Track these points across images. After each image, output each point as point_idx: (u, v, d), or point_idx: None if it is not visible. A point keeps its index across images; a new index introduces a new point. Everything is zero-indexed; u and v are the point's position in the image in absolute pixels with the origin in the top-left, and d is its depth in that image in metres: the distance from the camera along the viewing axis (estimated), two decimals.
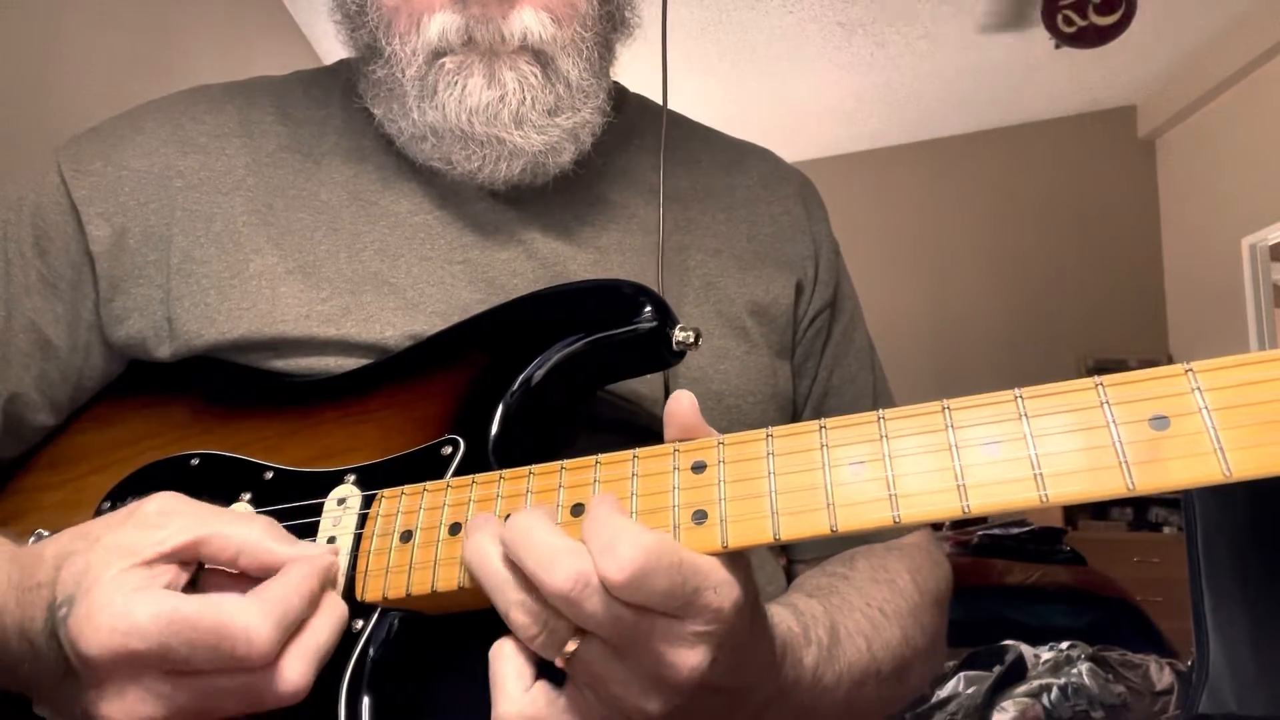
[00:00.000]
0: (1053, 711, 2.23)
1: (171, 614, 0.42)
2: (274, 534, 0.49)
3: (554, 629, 0.42)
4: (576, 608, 0.40)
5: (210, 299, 0.64)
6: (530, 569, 0.41)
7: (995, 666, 2.41)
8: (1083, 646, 2.50)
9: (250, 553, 0.48)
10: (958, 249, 5.21)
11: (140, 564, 0.45)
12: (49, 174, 0.68)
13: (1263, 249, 4.21)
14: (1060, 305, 4.97)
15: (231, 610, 0.43)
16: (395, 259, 0.66)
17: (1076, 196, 5.04)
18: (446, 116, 0.62)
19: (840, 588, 0.63)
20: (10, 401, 0.67)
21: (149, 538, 0.46)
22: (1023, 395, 0.41)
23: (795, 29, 4.07)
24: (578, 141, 0.66)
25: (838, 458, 0.43)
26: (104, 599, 0.43)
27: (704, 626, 0.41)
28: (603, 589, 0.40)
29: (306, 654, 0.46)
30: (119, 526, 0.47)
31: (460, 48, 0.62)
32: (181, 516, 0.48)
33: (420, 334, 0.63)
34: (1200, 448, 0.36)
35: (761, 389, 0.70)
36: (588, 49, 0.65)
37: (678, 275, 0.70)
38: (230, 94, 0.73)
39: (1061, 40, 3.70)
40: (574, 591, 0.40)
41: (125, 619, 0.42)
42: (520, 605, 0.42)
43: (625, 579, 0.39)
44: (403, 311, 0.64)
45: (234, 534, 0.48)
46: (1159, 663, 2.46)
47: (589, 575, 0.40)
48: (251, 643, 0.43)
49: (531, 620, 0.42)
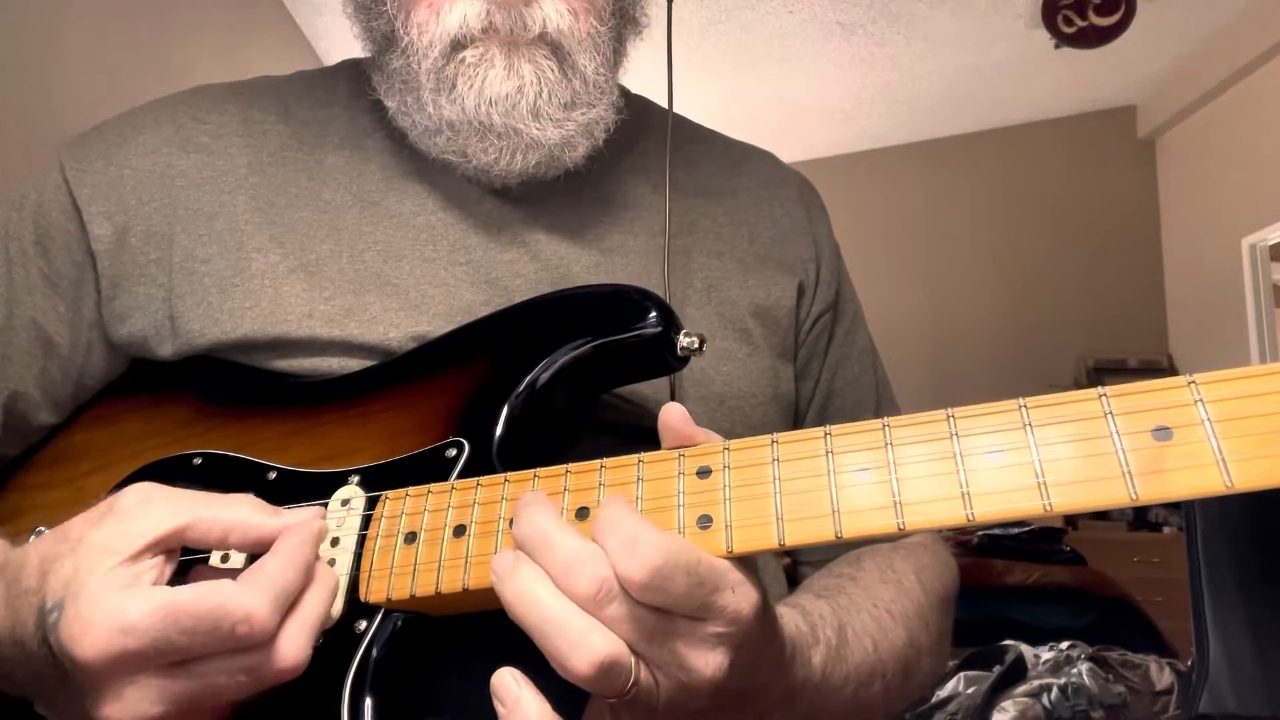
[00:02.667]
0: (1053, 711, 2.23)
1: (167, 606, 0.42)
2: (259, 508, 0.49)
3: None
4: (600, 611, 0.40)
5: (213, 298, 0.64)
6: (553, 574, 0.41)
7: (995, 666, 2.41)
8: (1083, 646, 2.51)
9: (240, 529, 0.48)
10: (958, 249, 5.21)
11: (127, 560, 0.45)
12: (51, 173, 0.68)
13: (1263, 249, 4.20)
14: (1060, 305, 4.96)
15: (228, 592, 0.43)
16: (398, 260, 0.66)
17: (1076, 196, 5.04)
18: (465, 109, 0.63)
19: (848, 588, 0.64)
20: (12, 399, 0.67)
21: (132, 530, 0.46)
22: (1027, 405, 0.41)
23: (795, 29, 4.07)
24: (591, 137, 0.66)
25: (843, 464, 0.43)
26: (94, 601, 0.43)
27: (724, 628, 0.41)
28: (623, 591, 0.40)
29: (304, 627, 0.46)
30: (99, 523, 0.47)
31: (480, 36, 0.62)
32: (162, 504, 0.48)
33: (423, 334, 0.63)
34: (1203, 459, 0.37)
35: (764, 391, 0.71)
36: (603, 44, 0.66)
37: (680, 277, 0.71)
38: (232, 94, 0.73)
39: (1061, 40, 3.69)
40: (598, 596, 0.40)
41: (118, 619, 0.42)
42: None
43: (644, 579, 0.39)
44: (405, 312, 0.64)
45: (221, 514, 0.48)
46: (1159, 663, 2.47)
47: (611, 578, 0.40)
48: (251, 621, 0.43)
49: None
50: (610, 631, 0.41)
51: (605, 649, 0.40)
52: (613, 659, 0.40)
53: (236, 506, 0.49)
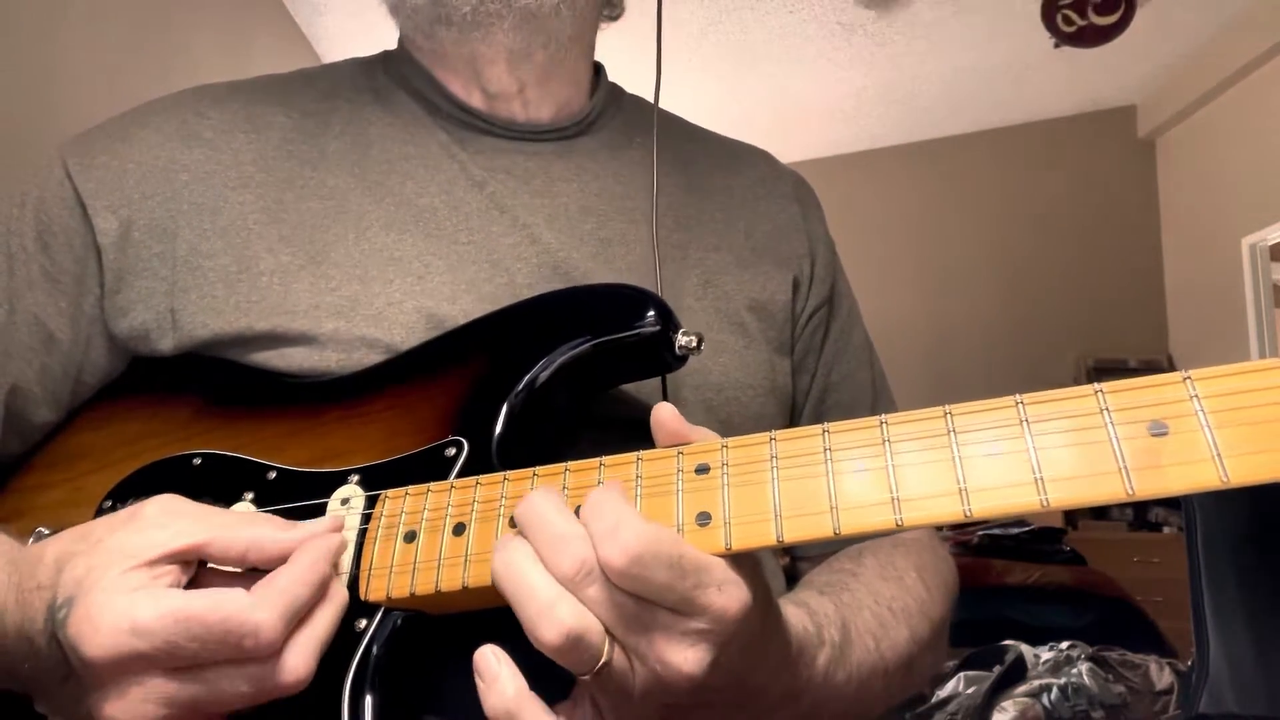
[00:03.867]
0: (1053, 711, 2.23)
1: (179, 610, 0.43)
2: (276, 524, 0.50)
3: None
4: (579, 592, 0.41)
5: (218, 292, 0.64)
6: (541, 553, 0.42)
7: (995, 666, 2.41)
8: (1083, 646, 2.51)
9: (258, 548, 0.48)
10: (957, 249, 5.21)
11: (142, 565, 0.45)
12: (53, 169, 0.68)
13: (1263, 249, 4.20)
14: (1060, 305, 4.96)
15: (239, 604, 0.44)
16: (401, 233, 0.67)
17: (1076, 196, 5.04)
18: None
19: (850, 584, 0.64)
20: (12, 394, 0.67)
21: (151, 539, 0.46)
22: (1024, 401, 0.41)
23: (795, 29, 4.07)
24: None
25: (841, 461, 0.43)
26: (105, 600, 0.44)
27: (705, 625, 0.41)
28: (603, 575, 0.41)
29: (310, 644, 0.46)
30: (120, 529, 0.47)
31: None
32: (184, 518, 0.48)
33: (428, 309, 0.64)
34: (1198, 454, 0.37)
35: (760, 383, 0.71)
36: None
37: (677, 272, 0.71)
38: (235, 91, 0.73)
39: (1061, 40, 3.69)
40: (576, 575, 0.41)
41: (128, 618, 0.43)
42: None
43: (622, 565, 0.40)
44: (410, 282, 0.65)
45: (239, 534, 0.48)
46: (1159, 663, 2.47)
47: (591, 561, 0.41)
48: (259, 635, 0.43)
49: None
50: (581, 606, 0.41)
51: (571, 621, 0.41)
52: (578, 632, 0.41)
53: (255, 526, 0.49)
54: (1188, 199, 4.76)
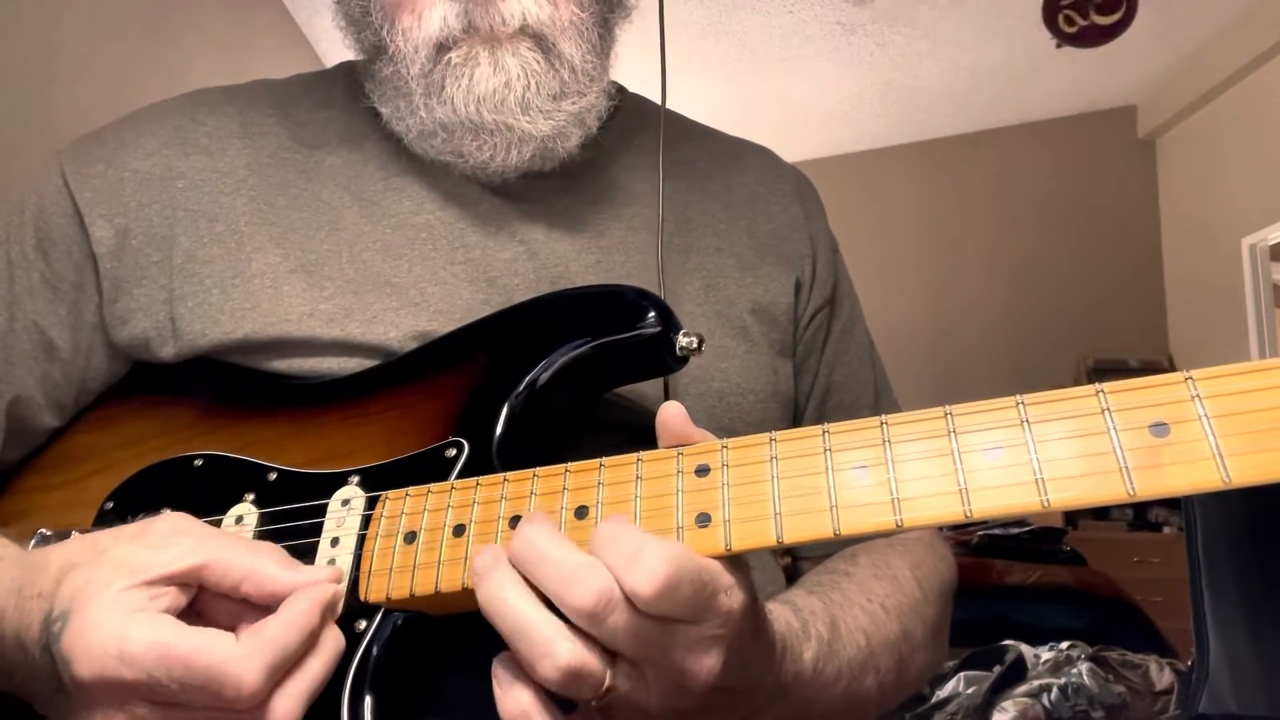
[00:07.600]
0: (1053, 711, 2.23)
1: (165, 645, 0.42)
2: (279, 561, 0.49)
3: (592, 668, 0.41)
4: (599, 625, 0.40)
5: (214, 298, 0.64)
6: (550, 589, 0.41)
7: (995, 666, 2.41)
8: (1083, 646, 2.51)
9: (254, 580, 0.47)
10: (958, 249, 5.21)
11: (142, 584, 0.45)
12: (52, 177, 0.69)
13: (1263, 249, 4.20)
14: (1060, 305, 4.96)
15: (225, 654, 0.43)
16: (397, 258, 0.66)
17: (1077, 196, 5.04)
18: (456, 110, 0.63)
19: (841, 584, 0.64)
20: (14, 404, 0.68)
21: (154, 558, 0.46)
22: (1024, 401, 0.41)
23: (795, 29, 4.07)
24: (584, 125, 0.67)
25: (841, 461, 0.43)
26: (99, 617, 0.43)
27: (718, 630, 0.42)
28: (626, 603, 0.40)
29: (296, 695, 0.45)
30: (127, 542, 0.47)
31: (462, 36, 0.62)
32: (189, 539, 0.48)
33: (423, 332, 0.63)
34: (1200, 454, 0.37)
35: (762, 387, 0.71)
36: (588, 31, 0.66)
37: (678, 275, 0.71)
38: (230, 96, 0.73)
39: (1062, 40, 3.69)
40: (599, 608, 0.40)
41: (118, 643, 0.42)
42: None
43: (654, 591, 0.39)
44: (405, 311, 0.64)
45: (238, 562, 0.47)
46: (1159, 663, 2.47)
47: (612, 591, 0.40)
48: (240, 689, 0.42)
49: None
50: (578, 642, 0.40)
51: (569, 658, 0.40)
52: (578, 666, 0.40)
53: (256, 555, 0.48)
54: (1188, 199, 4.76)
